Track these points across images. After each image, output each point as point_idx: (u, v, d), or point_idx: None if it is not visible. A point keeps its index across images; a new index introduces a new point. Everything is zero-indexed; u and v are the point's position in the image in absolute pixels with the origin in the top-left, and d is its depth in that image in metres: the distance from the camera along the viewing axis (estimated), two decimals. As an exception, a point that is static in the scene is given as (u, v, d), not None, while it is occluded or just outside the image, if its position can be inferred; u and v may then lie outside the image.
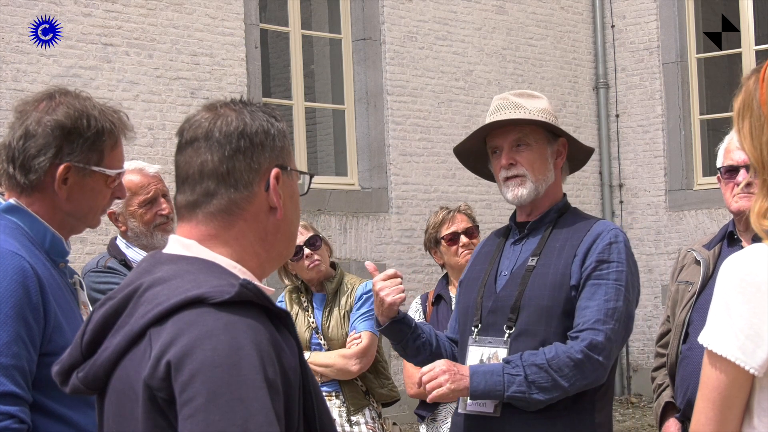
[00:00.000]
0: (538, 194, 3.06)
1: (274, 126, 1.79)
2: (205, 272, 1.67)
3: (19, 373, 2.18)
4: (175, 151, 1.81)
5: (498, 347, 2.98)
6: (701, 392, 1.77)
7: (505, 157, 3.06)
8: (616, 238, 2.99)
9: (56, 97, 2.39)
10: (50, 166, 2.35)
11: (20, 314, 2.19)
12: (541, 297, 2.95)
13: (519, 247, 3.10)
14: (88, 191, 2.41)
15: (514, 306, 2.97)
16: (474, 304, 3.08)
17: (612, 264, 2.95)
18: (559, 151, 3.13)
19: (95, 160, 2.39)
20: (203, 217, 1.75)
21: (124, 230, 3.64)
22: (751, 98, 1.80)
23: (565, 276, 2.95)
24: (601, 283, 2.93)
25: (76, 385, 1.73)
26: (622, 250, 2.98)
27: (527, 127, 3.07)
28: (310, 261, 4.36)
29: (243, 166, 1.74)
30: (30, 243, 2.34)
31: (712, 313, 1.75)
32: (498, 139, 3.10)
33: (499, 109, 3.10)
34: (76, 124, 2.36)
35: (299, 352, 1.71)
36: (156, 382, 1.57)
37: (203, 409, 1.52)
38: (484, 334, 3.03)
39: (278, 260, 1.83)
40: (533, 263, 3.01)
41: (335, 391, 4.38)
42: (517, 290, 2.99)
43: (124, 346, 1.65)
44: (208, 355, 1.54)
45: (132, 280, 1.72)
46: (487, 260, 3.16)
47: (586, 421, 2.94)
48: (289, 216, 1.81)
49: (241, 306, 1.61)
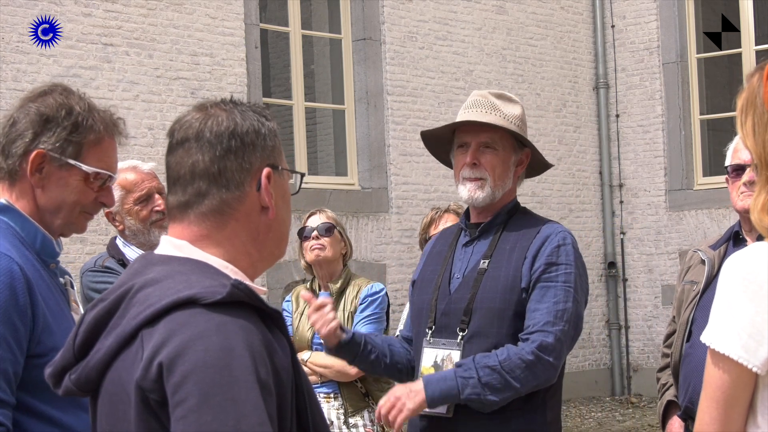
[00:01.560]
0: (494, 199, 3.13)
1: (264, 125, 1.78)
2: (197, 273, 1.67)
3: (2, 375, 2.16)
4: (166, 152, 1.80)
5: (451, 349, 3.05)
6: (705, 392, 1.76)
7: (471, 156, 3.13)
8: (564, 241, 3.06)
9: (50, 91, 2.40)
10: (26, 152, 2.34)
11: (6, 316, 2.18)
12: (493, 300, 3.02)
13: (470, 248, 3.17)
14: (62, 184, 2.38)
15: (467, 309, 3.04)
16: (428, 306, 3.14)
17: (560, 266, 3.02)
18: (522, 160, 3.21)
19: (72, 153, 2.36)
20: (195, 218, 1.74)
21: (122, 229, 3.65)
22: (754, 95, 1.80)
23: (516, 278, 3.02)
24: (550, 286, 3.00)
25: (69, 387, 1.72)
26: (570, 252, 3.05)
27: (498, 132, 3.13)
28: (315, 242, 4.43)
29: (234, 166, 1.73)
30: (20, 243, 2.33)
31: (714, 312, 1.75)
32: (468, 136, 3.16)
33: (476, 105, 3.16)
34: (55, 113, 2.35)
35: (292, 352, 1.70)
36: (148, 384, 1.56)
37: (195, 410, 1.51)
38: (437, 336, 3.09)
39: (270, 260, 1.82)
40: (485, 266, 3.08)
41: (334, 392, 4.38)
42: (470, 293, 3.06)
43: (116, 348, 1.64)
44: (199, 356, 1.54)
45: (124, 281, 1.71)
46: (439, 261, 3.22)
47: (537, 420, 3.02)
48: (281, 215, 1.80)
49: (233, 306, 1.60)
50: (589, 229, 11.04)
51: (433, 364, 3.07)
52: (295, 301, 4.56)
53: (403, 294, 8.88)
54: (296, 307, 4.54)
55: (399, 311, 4.61)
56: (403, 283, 9.33)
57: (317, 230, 4.46)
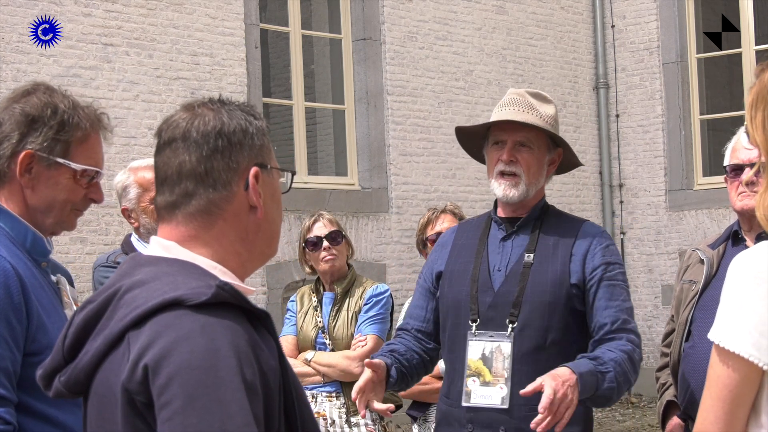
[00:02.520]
0: (527, 197, 3.20)
1: (252, 124, 1.78)
2: (184, 274, 1.66)
3: (3, 374, 2.17)
4: (154, 152, 1.80)
5: (501, 341, 3.08)
6: (709, 391, 1.75)
7: (507, 153, 3.17)
8: (611, 240, 3.22)
9: (33, 91, 2.40)
10: (13, 153, 2.34)
11: (2, 315, 2.19)
12: (543, 293, 3.09)
13: (509, 243, 3.21)
14: (52, 183, 2.39)
15: (516, 301, 3.09)
16: (468, 299, 3.15)
17: (617, 265, 3.16)
18: (554, 159, 3.27)
19: (60, 152, 2.37)
20: (183, 218, 1.74)
21: (137, 226, 3.71)
22: (765, 90, 1.81)
23: (564, 273, 3.10)
24: (616, 284, 3.12)
25: (59, 389, 1.72)
26: (617, 252, 3.22)
27: (533, 131, 3.17)
28: (327, 253, 4.45)
29: (221, 165, 1.73)
30: (11, 243, 2.34)
31: (722, 310, 1.74)
32: (504, 134, 3.20)
33: (513, 104, 3.19)
34: (41, 113, 2.36)
35: (279, 352, 1.70)
36: (134, 386, 1.56)
37: (181, 412, 1.51)
38: (483, 328, 3.11)
39: (260, 259, 1.82)
40: (530, 260, 3.14)
41: (336, 391, 4.39)
42: (518, 286, 3.11)
43: (103, 350, 1.64)
44: (185, 357, 1.54)
45: (112, 282, 1.71)
46: (471, 254, 3.23)
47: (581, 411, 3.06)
48: (271, 215, 1.80)
49: (219, 307, 1.60)
50: (589, 229, 11.03)
51: (481, 356, 3.10)
52: (300, 301, 4.59)
53: (403, 294, 8.87)
54: (300, 307, 4.57)
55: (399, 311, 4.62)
56: (403, 283, 9.33)
57: (327, 240, 4.47)
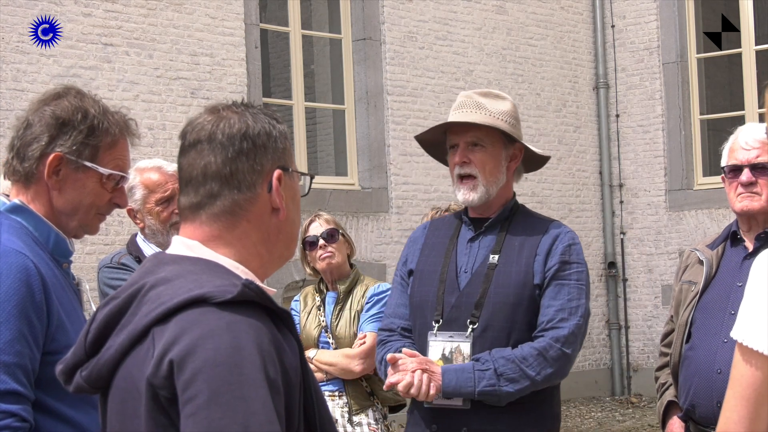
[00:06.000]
0: (489, 197, 3.21)
1: (275, 128, 1.81)
2: (208, 272, 1.69)
3: (21, 371, 2.18)
4: (178, 154, 1.82)
5: (461, 341, 3.11)
6: (732, 390, 1.74)
7: (459, 155, 3.21)
8: (574, 240, 3.21)
9: (64, 94, 2.43)
10: (42, 155, 2.37)
11: (23, 312, 2.20)
12: (507, 294, 3.12)
13: (476, 244, 3.24)
14: (79, 186, 2.41)
15: (478, 302, 3.12)
16: (434, 299, 3.19)
17: (573, 265, 3.16)
18: (515, 154, 3.27)
19: (88, 156, 2.40)
20: (207, 218, 1.76)
21: (142, 227, 3.70)
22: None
23: (528, 274, 3.13)
24: (564, 283, 3.13)
25: (80, 383, 1.74)
26: (580, 252, 3.20)
27: (484, 129, 3.19)
28: (324, 251, 4.47)
29: (246, 167, 1.76)
30: (34, 243, 2.36)
31: (745, 309, 1.73)
32: (456, 137, 3.24)
33: (461, 107, 3.23)
34: (71, 116, 2.38)
35: (300, 351, 1.72)
36: (159, 381, 1.58)
37: (205, 407, 1.53)
38: (445, 329, 3.15)
39: (279, 261, 1.84)
40: (495, 261, 3.17)
41: (339, 390, 4.40)
42: (481, 287, 3.13)
43: (127, 345, 1.66)
44: (210, 354, 1.55)
45: (136, 279, 1.73)
46: (440, 253, 3.27)
47: (546, 413, 3.12)
48: (291, 217, 1.83)
49: (244, 306, 1.62)
50: (589, 229, 11.04)
51: (441, 356, 3.12)
52: (303, 300, 4.62)
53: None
54: (304, 306, 4.59)
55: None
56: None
57: (322, 238, 4.49)
